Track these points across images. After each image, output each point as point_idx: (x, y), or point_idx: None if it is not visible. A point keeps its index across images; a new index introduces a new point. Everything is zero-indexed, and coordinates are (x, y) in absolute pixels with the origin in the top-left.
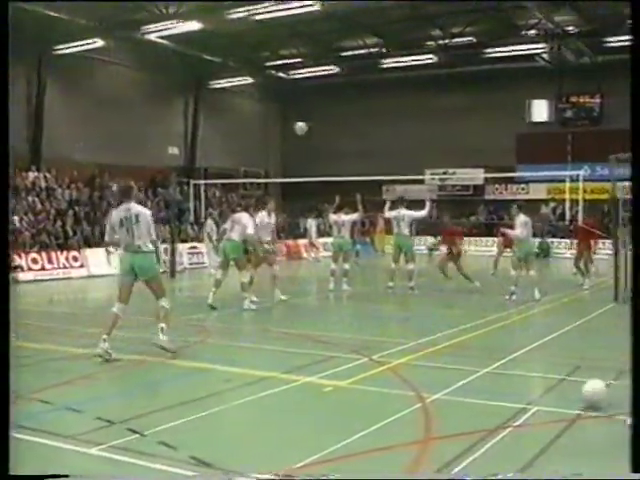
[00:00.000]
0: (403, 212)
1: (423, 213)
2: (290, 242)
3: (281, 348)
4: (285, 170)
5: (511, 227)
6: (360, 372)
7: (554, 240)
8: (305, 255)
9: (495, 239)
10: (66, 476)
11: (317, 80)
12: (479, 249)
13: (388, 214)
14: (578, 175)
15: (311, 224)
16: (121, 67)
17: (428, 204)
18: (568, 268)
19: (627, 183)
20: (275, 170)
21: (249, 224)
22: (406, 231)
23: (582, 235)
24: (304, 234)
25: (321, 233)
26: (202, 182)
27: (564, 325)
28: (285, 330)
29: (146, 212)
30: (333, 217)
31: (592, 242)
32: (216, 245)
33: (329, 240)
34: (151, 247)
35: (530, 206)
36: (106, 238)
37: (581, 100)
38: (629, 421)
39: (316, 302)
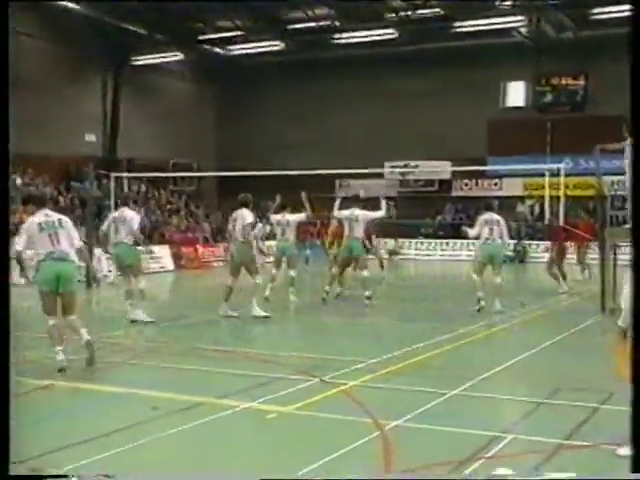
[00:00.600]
0: (357, 212)
1: (380, 214)
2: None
3: (216, 369)
4: (222, 163)
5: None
6: (309, 396)
7: (532, 243)
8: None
9: (463, 242)
10: (65, 476)
11: (259, 58)
12: (445, 253)
13: (338, 214)
14: (559, 168)
15: (259, 227)
16: (24, 37)
17: (384, 203)
18: (546, 275)
19: (615, 177)
20: (210, 162)
21: (134, 221)
22: (359, 234)
23: (555, 237)
24: None
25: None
26: (125, 175)
27: (542, 340)
28: (220, 348)
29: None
30: (276, 217)
31: (567, 245)
32: (106, 250)
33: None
34: (75, 256)
35: (504, 204)
36: (19, 247)
37: (563, 82)
38: (621, 451)
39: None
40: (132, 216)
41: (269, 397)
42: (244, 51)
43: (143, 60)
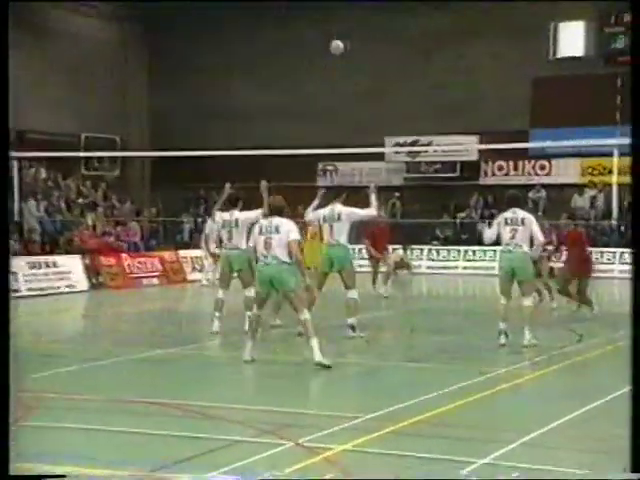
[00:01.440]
0: (338, 209)
1: (370, 212)
2: (167, 255)
3: (149, 430)
4: (156, 139)
5: None
6: (280, 465)
7: (594, 250)
8: (200, 276)
9: (495, 249)
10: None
11: None
12: (470, 265)
13: (313, 214)
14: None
15: (212, 227)
16: None
17: (373, 197)
18: (615, 295)
19: None
20: (139, 138)
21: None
22: (343, 238)
23: (572, 246)
24: (189, 242)
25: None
26: (15, 155)
27: (609, 389)
28: (153, 400)
29: None
30: (223, 215)
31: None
32: None
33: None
34: None
35: (554, 195)
36: None
37: None
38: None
39: (202, 353)
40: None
41: (225, 469)
42: None
43: None
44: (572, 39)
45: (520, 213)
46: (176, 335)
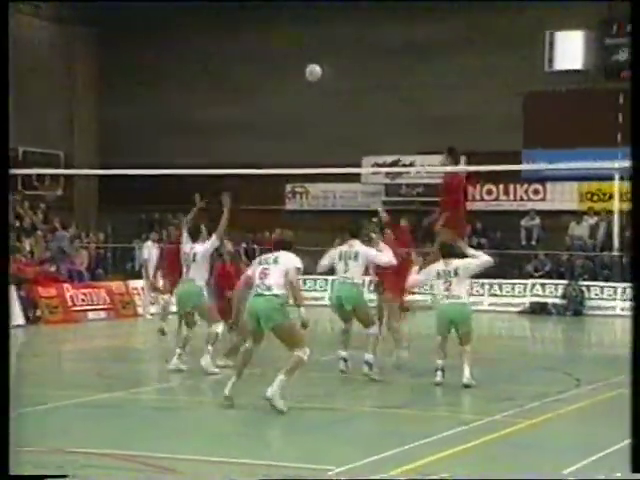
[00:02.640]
0: (357, 248)
1: (392, 262)
2: (115, 286)
3: None
4: (105, 154)
5: None
6: None
7: (592, 284)
8: (154, 309)
9: (483, 281)
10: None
11: None
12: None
13: (329, 259)
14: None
15: (150, 251)
16: None
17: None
18: (616, 334)
19: None
20: (86, 154)
21: None
22: (358, 276)
23: None
24: (140, 270)
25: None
26: None
27: (609, 441)
28: (97, 450)
29: None
30: (184, 248)
31: None
32: None
33: None
34: None
35: (549, 222)
36: None
37: None
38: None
39: (154, 397)
40: None
41: None
42: None
43: None
44: (570, 50)
45: (455, 263)
46: (125, 376)
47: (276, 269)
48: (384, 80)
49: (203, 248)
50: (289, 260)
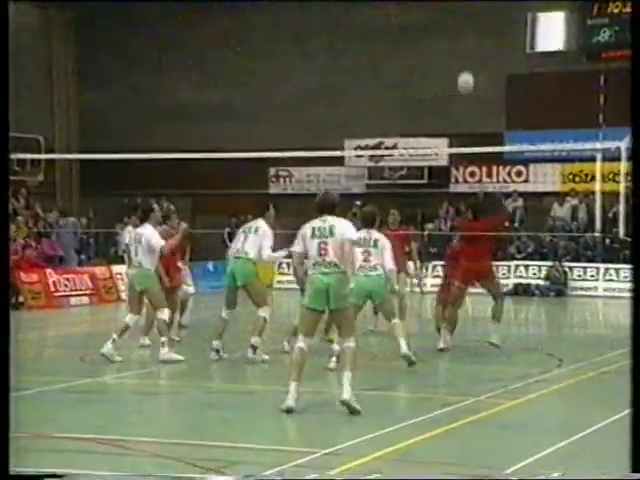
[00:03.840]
0: (375, 235)
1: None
2: (99, 271)
3: (77, 470)
4: (86, 139)
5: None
6: None
7: (576, 265)
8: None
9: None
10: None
11: None
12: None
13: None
14: (619, 148)
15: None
16: None
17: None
18: (598, 315)
19: None
20: (67, 138)
21: None
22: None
23: None
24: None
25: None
26: None
27: (591, 420)
28: (82, 435)
29: None
30: (130, 231)
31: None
32: None
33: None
34: None
35: (531, 203)
36: None
37: (628, 10)
38: None
39: (136, 382)
40: None
41: None
42: None
43: None
44: (551, 32)
45: (373, 233)
46: (107, 362)
47: (333, 242)
48: (366, 63)
49: (150, 236)
50: (346, 229)
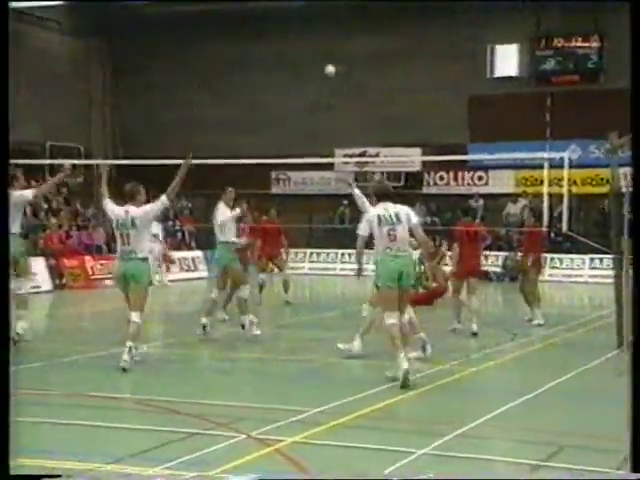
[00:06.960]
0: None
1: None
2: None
3: (109, 423)
4: (120, 147)
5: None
6: (234, 457)
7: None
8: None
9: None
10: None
11: (166, 7)
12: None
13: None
14: (562, 158)
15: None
16: None
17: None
18: (545, 297)
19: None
20: (102, 147)
21: None
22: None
23: (528, 244)
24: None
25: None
26: None
27: (539, 383)
28: (112, 395)
29: None
30: (116, 212)
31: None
32: None
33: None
34: None
35: (491, 203)
36: None
37: (571, 44)
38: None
39: (158, 351)
40: None
41: (181, 460)
42: None
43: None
44: (507, 60)
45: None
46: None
47: (402, 228)
48: (353, 85)
49: (142, 211)
50: (410, 215)
